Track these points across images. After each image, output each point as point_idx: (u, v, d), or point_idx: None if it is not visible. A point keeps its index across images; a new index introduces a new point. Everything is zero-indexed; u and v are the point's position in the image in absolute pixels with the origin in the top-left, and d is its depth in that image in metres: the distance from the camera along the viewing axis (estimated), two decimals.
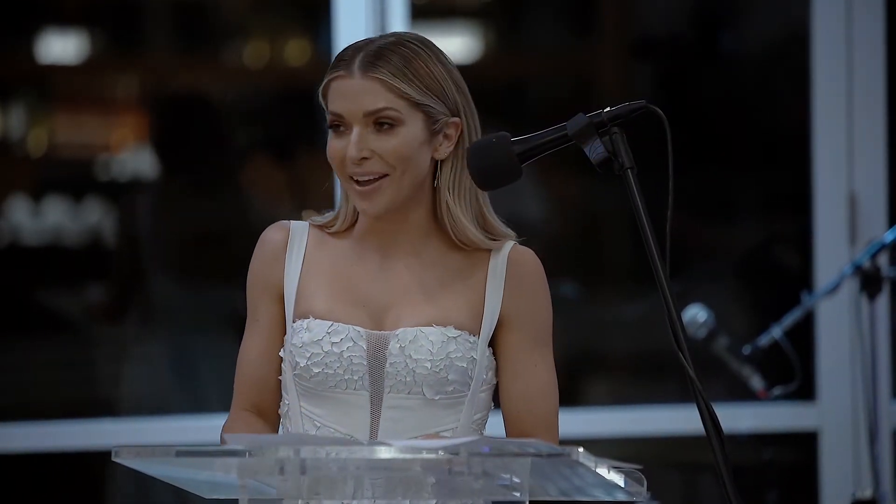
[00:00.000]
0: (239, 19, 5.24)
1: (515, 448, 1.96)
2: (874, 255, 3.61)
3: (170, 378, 4.76)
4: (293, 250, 2.43)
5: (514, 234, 2.45)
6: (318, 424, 2.38)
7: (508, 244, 2.43)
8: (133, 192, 4.96)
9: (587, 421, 4.41)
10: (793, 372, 3.62)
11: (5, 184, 4.97)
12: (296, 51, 5.23)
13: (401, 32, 2.45)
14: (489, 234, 2.43)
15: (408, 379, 2.35)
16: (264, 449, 1.98)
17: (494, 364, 2.41)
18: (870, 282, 3.61)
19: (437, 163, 2.41)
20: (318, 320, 2.37)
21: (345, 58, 2.37)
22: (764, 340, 3.65)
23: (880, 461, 3.67)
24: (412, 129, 2.35)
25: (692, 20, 5.08)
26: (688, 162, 4.56)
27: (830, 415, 4.34)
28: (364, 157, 2.34)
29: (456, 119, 2.40)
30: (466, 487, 1.96)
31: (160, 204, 4.90)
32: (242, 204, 4.77)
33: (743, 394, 3.85)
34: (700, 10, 5.11)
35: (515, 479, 1.97)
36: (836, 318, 4.29)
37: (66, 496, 4.78)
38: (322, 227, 2.46)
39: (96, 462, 4.62)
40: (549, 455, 1.95)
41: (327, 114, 2.38)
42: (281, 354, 2.42)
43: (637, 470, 2.02)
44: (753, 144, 4.78)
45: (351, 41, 2.44)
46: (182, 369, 4.74)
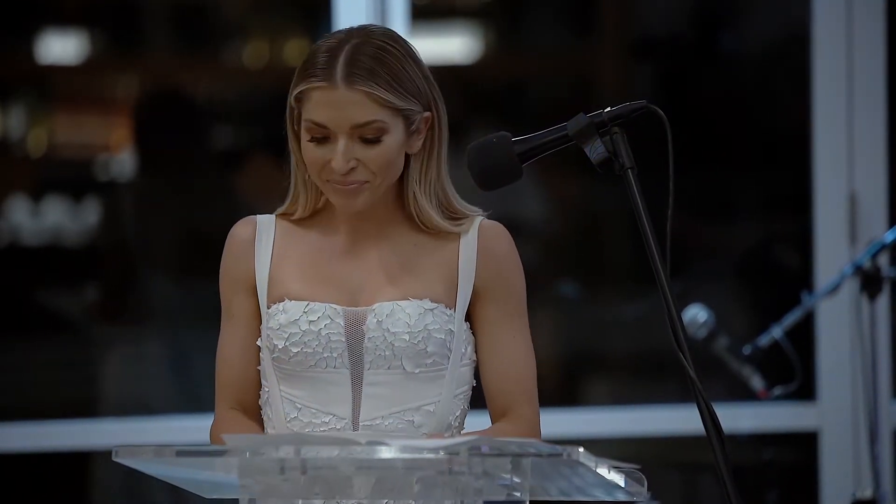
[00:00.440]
0: (238, 19, 5.24)
1: (516, 448, 1.96)
2: (874, 255, 3.61)
3: (170, 378, 4.76)
4: (261, 242, 2.44)
5: (480, 210, 2.46)
6: (299, 406, 2.38)
7: (476, 220, 2.44)
8: (125, 191, 4.95)
9: (587, 421, 4.41)
10: (793, 372, 3.62)
11: (5, 184, 4.97)
12: (295, 51, 5.23)
13: (369, 29, 2.41)
14: (456, 217, 2.43)
15: (387, 353, 2.35)
16: (265, 449, 1.98)
17: (473, 339, 2.42)
18: (870, 282, 3.61)
19: (408, 156, 2.42)
20: (293, 301, 2.38)
21: (321, 64, 2.34)
22: (764, 340, 3.65)
23: (880, 461, 3.67)
24: (395, 135, 2.35)
25: (692, 20, 5.08)
26: (688, 162, 4.55)
27: (831, 415, 4.34)
28: (350, 168, 2.34)
29: (428, 113, 2.40)
30: (467, 487, 1.96)
31: (156, 203, 4.90)
32: (241, 203, 4.77)
33: (743, 394, 3.85)
34: (700, 9, 5.11)
35: (516, 479, 1.97)
36: (837, 319, 4.29)
37: (66, 496, 4.78)
38: (285, 215, 2.46)
39: (95, 462, 4.62)
40: (550, 455, 1.95)
41: (304, 120, 2.36)
42: (258, 343, 2.42)
43: (637, 470, 2.02)
44: (754, 144, 4.78)
45: None
46: (182, 369, 4.74)
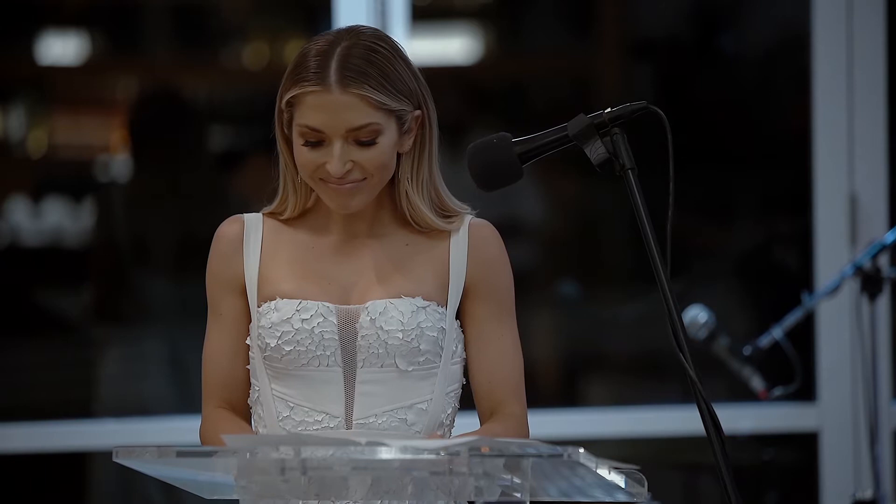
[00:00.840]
0: (238, 21, 5.24)
1: (516, 449, 1.96)
2: (875, 256, 3.61)
3: (168, 378, 4.75)
4: (249, 240, 2.44)
5: (469, 207, 2.46)
6: (292, 405, 2.37)
7: (466, 219, 2.44)
8: (126, 192, 4.95)
9: (587, 421, 4.41)
10: (793, 373, 3.62)
11: (5, 185, 4.97)
12: (295, 52, 5.23)
13: (357, 29, 2.41)
14: (446, 213, 2.44)
15: (380, 351, 2.35)
16: (264, 449, 1.98)
17: (463, 338, 2.43)
18: (870, 282, 3.61)
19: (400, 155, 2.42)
20: (285, 300, 2.37)
21: (314, 68, 2.34)
22: (764, 341, 3.65)
23: (880, 462, 3.67)
24: (389, 136, 2.35)
25: (692, 21, 5.08)
26: (688, 163, 4.55)
27: (831, 415, 4.34)
28: (347, 170, 2.34)
29: (418, 112, 2.40)
30: (468, 488, 1.96)
31: (156, 204, 4.90)
32: (241, 204, 4.77)
33: (743, 394, 3.85)
34: (700, 10, 5.11)
35: (516, 480, 1.97)
36: (837, 319, 4.29)
37: (63, 497, 4.78)
38: (273, 214, 2.46)
39: (93, 463, 4.62)
40: (550, 456, 1.95)
41: (297, 124, 2.36)
42: (247, 342, 2.42)
43: (637, 470, 2.02)
44: (754, 145, 4.78)
45: None
46: (180, 369, 4.74)
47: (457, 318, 2.42)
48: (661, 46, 4.97)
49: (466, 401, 2.46)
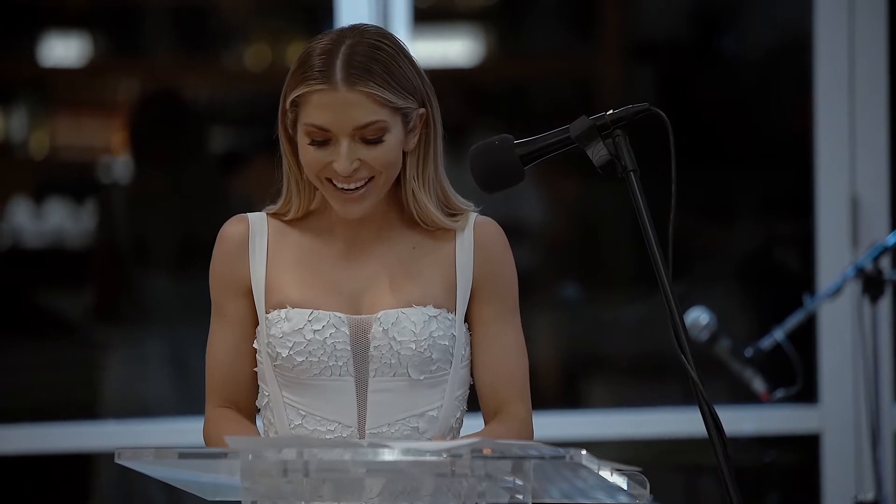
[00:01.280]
0: (240, 22, 5.24)
1: (518, 450, 1.96)
2: (876, 258, 3.61)
3: (170, 379, 4.76)
4: (255, 242, 2.42)
5: (472, 204, 2.45)
6: (304, 413, 2.37)
7: (471, 217, 2.44)
8: (127, 193, 4.95)
9: (589, 423, 4.41)
10: (795, 374, 3.62)
11: (7, 186, 4.97)
12: (297, 54, 5.23)
13: (361, 28, 2.39)
14: (452, 212, 2.43)
15: (392, 361, 2.35)
16: (267, 451, 1.98)
17: (470, 338, 2.42)
18: (872, 284, 3.61)
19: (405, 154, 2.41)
20: (296, 309, 2.36)
21: (319, 66, 2.33)
22: (766, 343, 3.65)
23: (882, 464, 3.67)
24: (395, 133, 2.35)
25: (693, 23, 5.08)
26: (690, 164, 4.55)
27: (832, 417, 4.34)
28: (353, 168, 2.33)
29: (423, 110, 2.40)
30: (470, 490, 1.96)
31: (157, 206, 4.90)
32: (242, 206, 4.77)
33: (745, 396, 3.85)
34: (701, 12, 5.11)
35: (518, 482, 1.97)
36: (839, 321, 4.29)
37: (66, 499, 4.78)
38: (277, 215, 2.45)
39: (96, 465, 4.62)
40: (552, 457, 1.95)
41: (303, 124, 2.35)
42: (255, 346, 2.41)
43: (639, 472, 2.02)
44: (756, 147, 4.78)
45: None
46: (182, 371, 4.74)
47: (465, 321, 2.42)
48: (662, 48, 4.97)
49: (472, 403, 2.46)
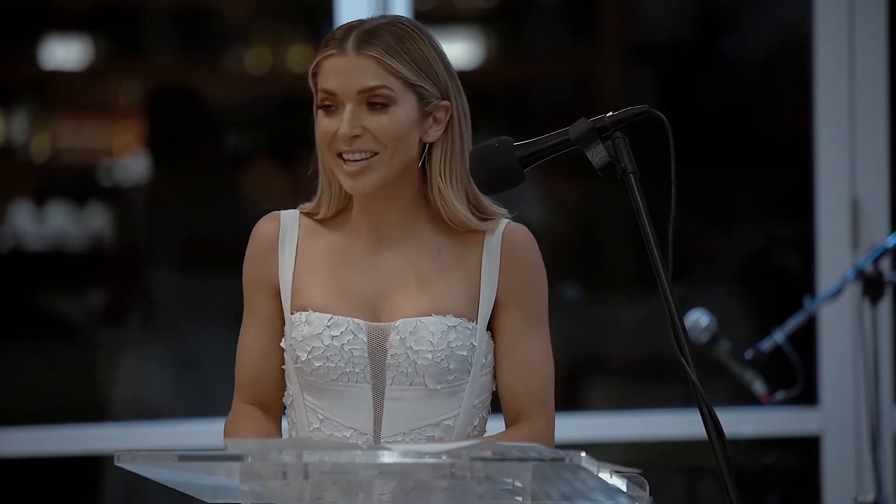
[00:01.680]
0: (241, 25, 5.25)
1: (518, 452, 1.96)
2: (876, 260, 3.61)
3: (173, 381, 4.76)
4: (285, 242, 2.43)
5: (506, 211, 2.45)
6: (322, 417, 2.37)
7: (502, 223, 2.42)
8: (133, 195, 4.96)
9: (588, 425, 4.41)
10: (795, 376, 3.62)
11: (8, 189, 4.97)
12: (297, 56, 5.23)
13: (393, 15, 2.44)
14: (481, 213, 2.42)
15: (409, 370, 2.34)
16: (267, 453, 1.98)
17: (493, 346, 2.41)
18: (872, 286, 3.61)
19: (424, 145, 2.40)
20: (316, 313, 2.37)
21: (336, 36, 2.36)
22: (766, 345, 3.65)
23: (882, 466, 3.67)
24: (405, 108, 2.35)
25: (693, 24, 5.08)
26: (690, 166, 4.56)
27: (832, 419, 4.34)
28: (356, 135, 2.34)
29: (446, 102, 2.39)
30: (469, 492, 1.96)
31: (160, 206, 4.91)
32: (244, 207, 4.78)
33: (745, 398, 3.85)
34: (701, 13, 5.11)
35: (518, 484, 1.97)
36: (839, 323, 4.29)
37: (69, 500, 4.78)
38: (310, 214, 2.45)
39: (99, 466, 4.62)
40: (552, 459, 1.95)
41: (317, 93, 2.37)
42: (282, 346, 2.42)
43: (639, 474, 2.02)
44: (755, 148, 4.78)
45: None
46: (188, 372, 4.74)
47: (488, 329, 2.40)
48: (662, 49, 4.98)
49: (496, 404, 2.45)
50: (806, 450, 4.41)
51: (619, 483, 1.99)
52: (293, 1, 5.26)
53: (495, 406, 2.45)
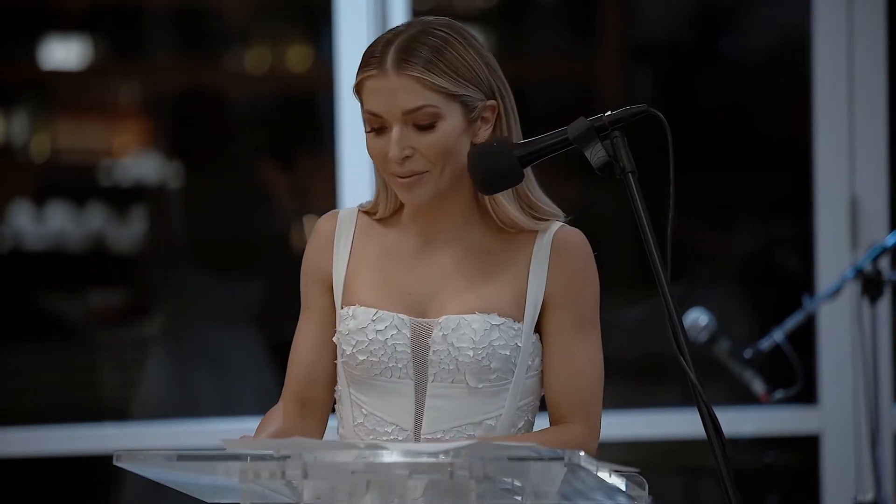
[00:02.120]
0: (240, 25, 5.25)
1: (517, 452, 1.96)
2: (875, 259, 3.61)
3: (175, 381, 4.76)
4: (341, 239, 2.44)
5: (561, 212, 2.43)
6: (366, 412, 2.38)
7: (555, 225, 2.41)
8: (128, 196, 4.97)
9: None
10: (794, 375, 3.62)
11: (8, 189, 4.98)
12: (297, 56, 5.24)
13: (427, 19, 2.40)
14: (534, 213, 2.41)
15: (451, 367, 2.34)
16: (264, 453, 1.99)
17: (541, 349, 2.39)
18: (871, 285, 3.61)
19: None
20: (363, 307, 2.37)
21: (375, 54, 2.34)
22: (765, 344, 3.65)
23: (882, 465, 3.67)
24: (451, 121, 2.33)
25: (693, 24, 5.08)
26: (689, 166, 4.56)
27: (832, 418, 4.34)
28: (406, 156, 2.33)
29: (492, 101, 2.38)
30: (468, 491, 1.96)
31: (159, 208, 4.91)
32: (245, 207, 4.78)
33: (744, 397, 3.86)
34: (701, 14, 5.11)
35: (517, 483, 1.97)
36: (838, 322, 4.29)
37: (68, 500, 4.79)
38: (369, 213, 2.46)
39: (100, 466, 4.63)
40: (551, 459, 1.95)
41: (363, 111, 2.37)
42: (334, 340, 2.42)
43: (638, 473, 2.02)
44: (755, 148, 4.78)
45: (353, 47, 2.44)
46: (187, 372, 4.74)
47: (536, 331, 2.38)
48: (661, 49, 4.98)
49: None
50: (805, 449, 4.41)
51: (619, 482, 1.99)
52: (293, 1, 5.27)
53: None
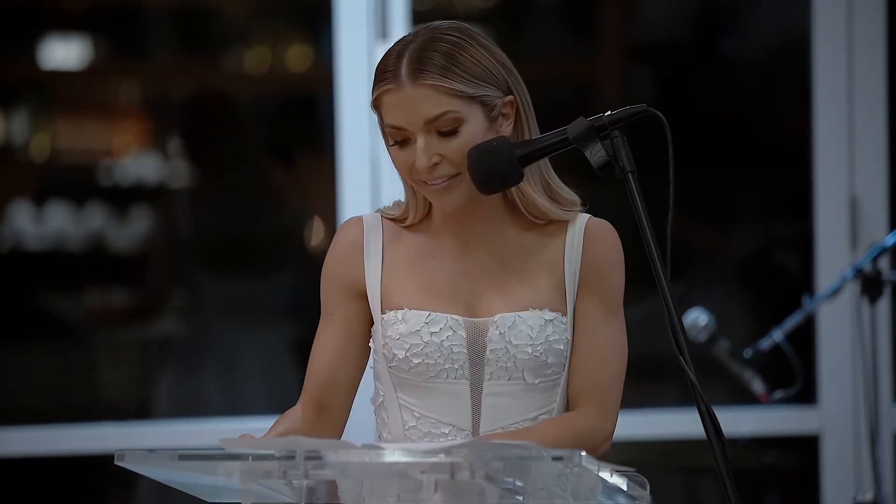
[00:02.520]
0: (240, 25, 5.25)
1: (518, 452, 1.96)
2: (875, 259, 3.62)
3: (178, 381, 4.76)
4: (370, 246, 2.43)
5: (579, 199, 2.44)
6: (418, 415, 2.37)
7: (584, 217, 2.43)
8: (129, 197, 4.97)
9: None
10: (794, 375, 3.62)
11: (8, 189, 4.98)
12: (297, 56, 5.24)
13: (434, 24, 2.40)
14: (559, 202, 2.42)
15: (508, 365, 2.34)
16: (266, 453, 1.99)
17: None
18: (871, 285, 3.61)
19: None
20: (413, 311, 2.37)
21: (389, 68, 2.34)
22: (765, 344, 3.65)
23: (881, 464, 3.68)
24: (473, 123, 2.34)
25: (693, 24, 5.09)
26: (689, 165, 4.56)
27: (831, 418, 4.34)
28: (434, 164, 2.33)
29: (510, 97, 2.39)
30: (469, 491, 1.96)
31: (160, 208, 4.92)
32: (245, 207, 4.79)
33: (744, 397, 3.86)
34: (701, 14, 5.11)
35: (518, 483, 1.97)
36: (838, 322, 4.29)
37: (68, 500, 4.79)
38: (394, 220, 2.45)
39: (100, 466, 4.63)
40: (552, 458, 1.95)
41: (385, 126, 2.36)
42: (371, 346, 2.41)
43: (638, 473, 2.02)
44: (754, 148, 4.78)
45: (352, 47, 2.44)
46: (188, 373, 4.74)
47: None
48: (661, 50, 4.98)
49: None
50: (805, 449, 4.41)
51: (619, 482, 2.00)
52: (293, 1, 5.27)
53: None
